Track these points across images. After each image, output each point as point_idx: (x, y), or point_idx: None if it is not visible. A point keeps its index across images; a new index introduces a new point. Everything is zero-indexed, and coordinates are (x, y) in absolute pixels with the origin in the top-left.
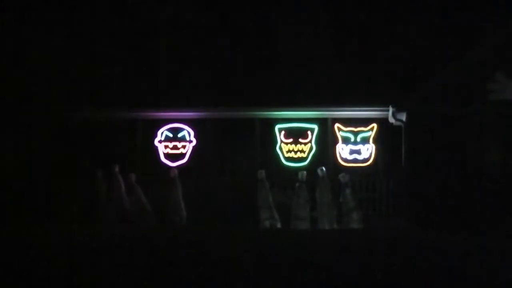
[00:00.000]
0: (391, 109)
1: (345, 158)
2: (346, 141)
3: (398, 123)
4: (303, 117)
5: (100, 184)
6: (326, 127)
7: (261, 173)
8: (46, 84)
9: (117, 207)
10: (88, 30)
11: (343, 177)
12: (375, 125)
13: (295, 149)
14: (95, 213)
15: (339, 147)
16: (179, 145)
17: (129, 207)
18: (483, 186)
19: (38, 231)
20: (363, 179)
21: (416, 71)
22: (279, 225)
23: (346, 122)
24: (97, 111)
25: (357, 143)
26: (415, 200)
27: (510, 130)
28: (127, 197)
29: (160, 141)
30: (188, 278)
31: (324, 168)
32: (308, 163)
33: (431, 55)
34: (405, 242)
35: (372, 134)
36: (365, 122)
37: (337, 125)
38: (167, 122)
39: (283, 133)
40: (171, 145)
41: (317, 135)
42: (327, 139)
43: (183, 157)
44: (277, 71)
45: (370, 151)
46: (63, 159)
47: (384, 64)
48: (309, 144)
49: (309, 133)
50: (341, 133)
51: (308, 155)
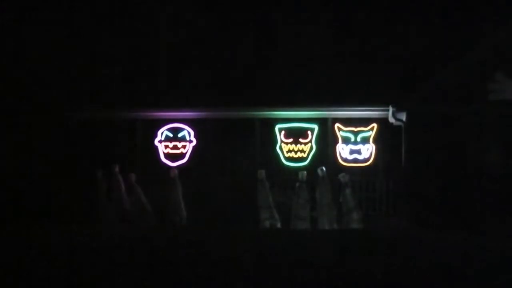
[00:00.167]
0: (391, 109)
1: (345, 158)
2: (346, 141)
3: (398, 123)
4: (303, 117)
5: (100, 184)
6: (326, 127)
7: (261, 173)
8: (46, 84)
9: (117, 207)
10: (88, 30)
11: (343, 177)
12: (375, 125)
13: (295, 149)
14: (95, 213)
15: (339, 147)
16: (179, 145)
17: (129, 207)
18: (483, 186)
19: (38, 231)
20: (363, 179)
21: (416, 71)
22: (279, 225)
23: (346, 122)
24: (97, 111)
25: (357, 143)
26: (415, 200)
27: (510, 130)
28: (127, 197)
29: (160, 141)
30: (188, 278)
31: (324, 168)
32: (308, 163)
33: (431, 55)
34: (405, 242)
35: (372, 134)
36: (365, 122)
37: (337, 125)
38: (167, 122)
39: (283, 133)
40: (171, 145)
41: (317, 135)
42: (327, 139)
43: (183, 157)
44: (277, 71)
45: (370, 151)
46: (63, 159)
47: (384, 64)
48: (309, 144)
49: (309, 133)
50: (341, 133)
51: (308, 155)
